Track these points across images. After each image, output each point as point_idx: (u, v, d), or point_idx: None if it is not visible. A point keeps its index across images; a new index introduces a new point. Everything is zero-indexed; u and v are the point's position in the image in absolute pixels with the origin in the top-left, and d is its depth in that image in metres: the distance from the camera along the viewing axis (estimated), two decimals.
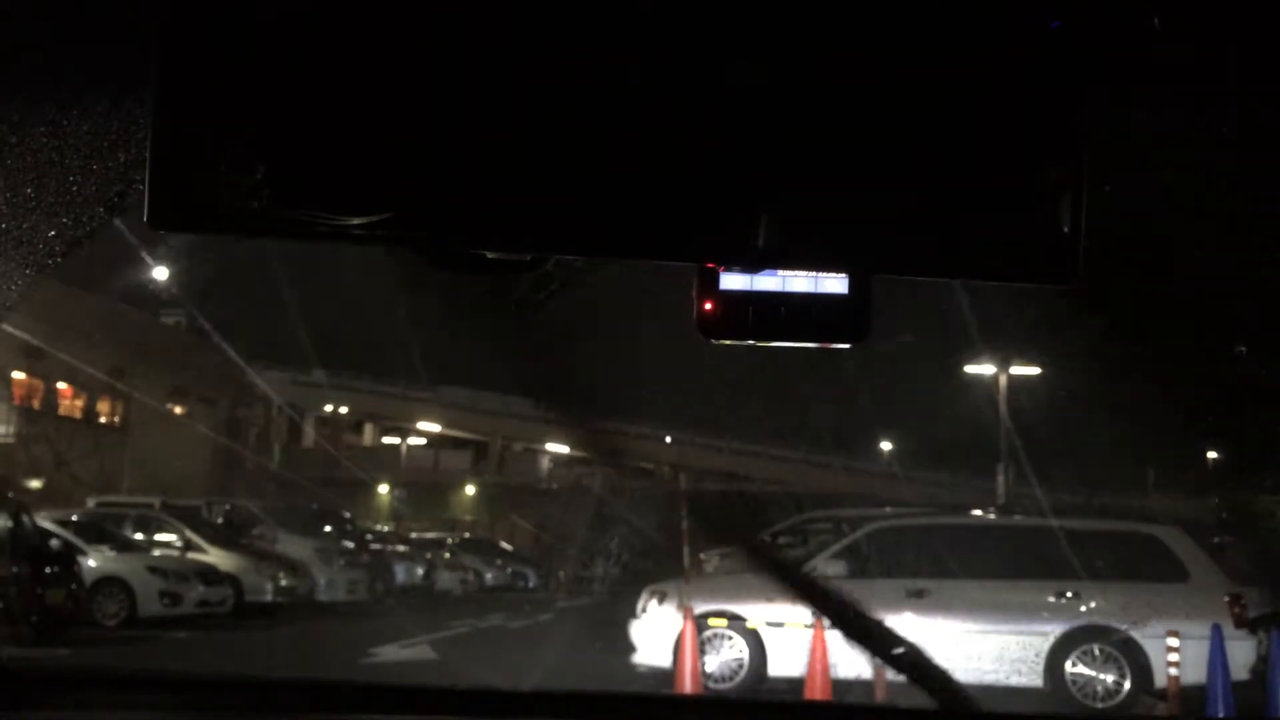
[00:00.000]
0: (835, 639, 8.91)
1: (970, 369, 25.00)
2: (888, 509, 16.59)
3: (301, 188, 0.94)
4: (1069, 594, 9.25)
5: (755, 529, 15.89)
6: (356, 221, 0.94)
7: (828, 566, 9.65)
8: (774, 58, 0.94)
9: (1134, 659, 9.01)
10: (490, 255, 1.02)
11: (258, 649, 12.58)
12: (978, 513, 12.74)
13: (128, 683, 1.95)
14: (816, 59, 0.94)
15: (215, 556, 15.96)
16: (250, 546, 17.20)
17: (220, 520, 18.82)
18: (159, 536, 16.49)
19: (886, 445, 53.15)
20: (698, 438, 50.69)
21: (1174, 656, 8.59)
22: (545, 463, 52.87)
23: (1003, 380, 23.73)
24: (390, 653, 11.93)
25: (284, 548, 17.60)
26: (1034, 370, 24.76)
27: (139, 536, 16.28)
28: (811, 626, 8.94)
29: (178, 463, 30.12)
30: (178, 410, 33.14)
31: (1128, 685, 8.95)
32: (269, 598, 16.09)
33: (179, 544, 16.23)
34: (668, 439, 50.96)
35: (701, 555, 15.95)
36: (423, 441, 52.97)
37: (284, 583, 16.41)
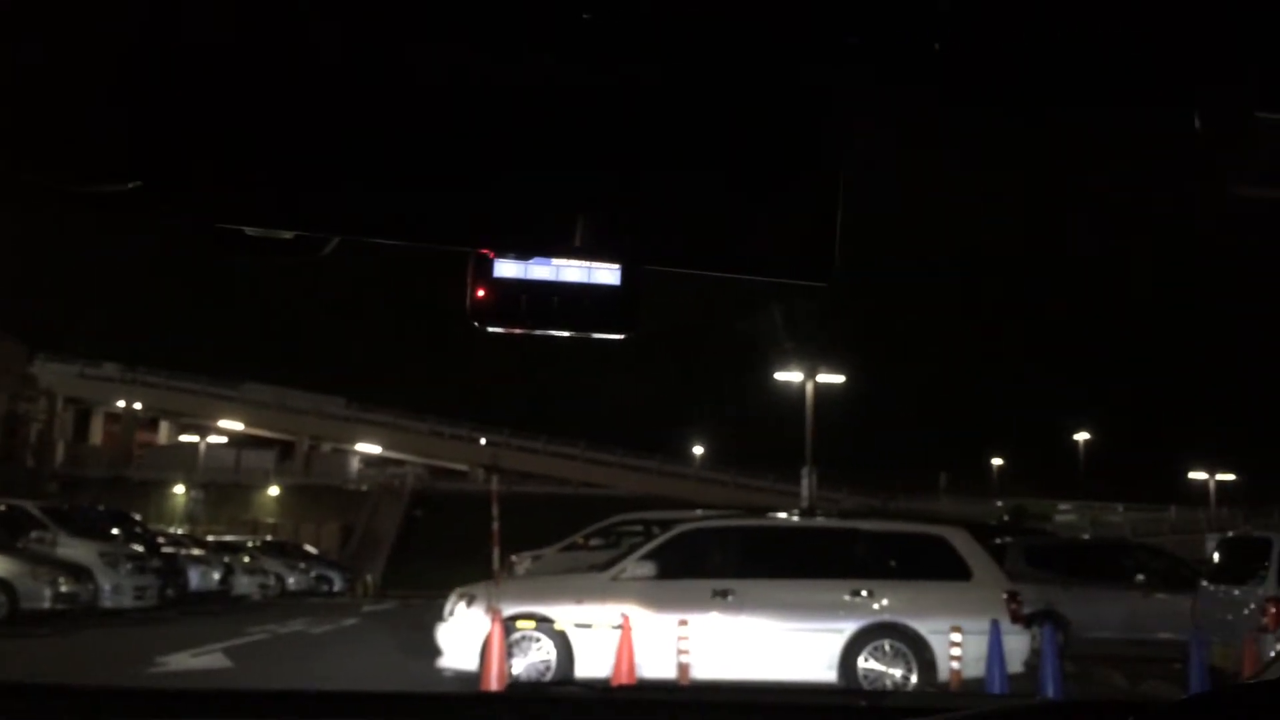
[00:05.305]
0: (641, 640, 9.04)
1: (780, 375, 25.79)
2: (698, 511, 16.94)
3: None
4: (863, 592, 9.65)
5: (569, 531, 15.93)
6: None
7: (638, 568, 9.76)
8: (550, 50, 0.96)
9: (920, 654, 9.49)
10: (283, 236, 0.99)
11: (32, 659, 11.73)
12: (781, 515, 13.14)
13: None
14: (590, 55, 0.97)
15: None
16: (26, 550, 16.08)
17: None
18: None
19: (699, 449, 54.11)
20: (513, 439, 50.51)
21: (957, 651, 9.09)
22: (355, 463, 51.56)
23: (809, 387, 24.57)
24: (180, 661, 11.37)
25: (65, 551, 16.53)
26: (839, 378, 25.76)
27: None
28: (619, 628, 9.02)
29: None
30: None
31: (914, 679, 9.41)
32: (47, 605, 15.20)
33: None
34: (482, 440, 50.54)
35: (513, 557, 15.86)
36: (224, 440, 50.74)
37: (64, 589, 15.46)
